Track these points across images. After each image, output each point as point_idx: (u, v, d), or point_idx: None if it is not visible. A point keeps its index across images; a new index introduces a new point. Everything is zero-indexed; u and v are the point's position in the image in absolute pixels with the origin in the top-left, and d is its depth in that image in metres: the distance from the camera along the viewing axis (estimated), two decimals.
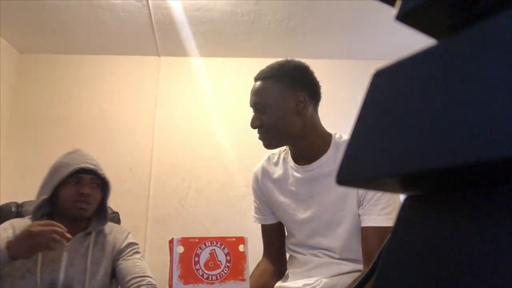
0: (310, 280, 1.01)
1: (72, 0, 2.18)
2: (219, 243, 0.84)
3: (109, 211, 1.61)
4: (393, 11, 0.23)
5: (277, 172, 1.15)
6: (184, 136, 2.73)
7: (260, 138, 1.08)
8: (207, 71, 2.83)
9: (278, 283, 1.11)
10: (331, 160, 1.06)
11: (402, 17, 0.22)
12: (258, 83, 1.08)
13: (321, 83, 1.10)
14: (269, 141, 1.07)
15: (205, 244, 0.84)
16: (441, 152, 0.17)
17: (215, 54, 2.80)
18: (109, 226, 1.38)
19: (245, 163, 2.60)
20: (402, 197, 0.25)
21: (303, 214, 1.08)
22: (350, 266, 1.03)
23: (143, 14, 2.32)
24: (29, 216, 1.29)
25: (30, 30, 2.49)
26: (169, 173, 2.67)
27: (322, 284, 0.99)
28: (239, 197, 2.63)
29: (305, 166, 1.08)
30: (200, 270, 0.81)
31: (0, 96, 2.57)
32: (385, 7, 0.27)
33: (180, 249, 0.82)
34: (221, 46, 2.70)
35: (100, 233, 1.33)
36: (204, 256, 0.83)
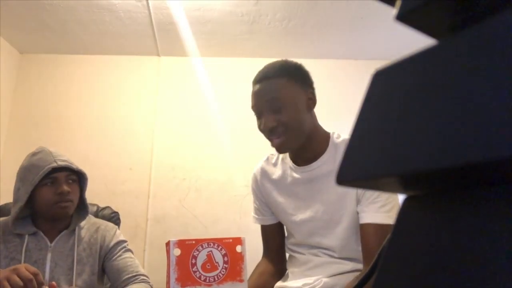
0: (310, 280, 1.01)
1: (72, 0, 2.18)
2: (216, 244, 0.84)
3: (109, 211, 1.61)
4: (393, 11, 0.23)
5: (276, 172, 1.15)
6: (184, 136, 2.73)
7: (275, 141, 1.01)
8: (207, 71, 2.84)
9: (278, 283, 1.11)
10: (330, 160, 1.05)
11: (402, 17, 0.22)
12: (266, 83, 1.02)
13: (321, 83, 1.10)
14: (287, 142, 1.01)
15: (202, 246, 0.83)
16: (441, 152, 0.17)
17: (215, 54, 2.80)
18: (95, 223, 1.34)
19: (245, 163, 2.60)
20: (402, 197, 0.25)
21: (302, 214, 1.08)
22: (350, 265, 1.03)
23: (143, 14, 2.32)
24: (10, 217, 1.23)
25: (30, 30, 2.49)
26: (169, 173, 2.67)
27: (322, 283, 0.99)
28: (239, 197, 2.63)
29: (304, 166, 1.08)
30: (198, 272, 0.81)
31: (0, 96, 2.57)
32: (385, 7, 0.27)
33: (176, 251, 0.81)
34: (221, 46, 2.70)
35: (86, 230, 1.29)
36: (201, 258, 0.82)
